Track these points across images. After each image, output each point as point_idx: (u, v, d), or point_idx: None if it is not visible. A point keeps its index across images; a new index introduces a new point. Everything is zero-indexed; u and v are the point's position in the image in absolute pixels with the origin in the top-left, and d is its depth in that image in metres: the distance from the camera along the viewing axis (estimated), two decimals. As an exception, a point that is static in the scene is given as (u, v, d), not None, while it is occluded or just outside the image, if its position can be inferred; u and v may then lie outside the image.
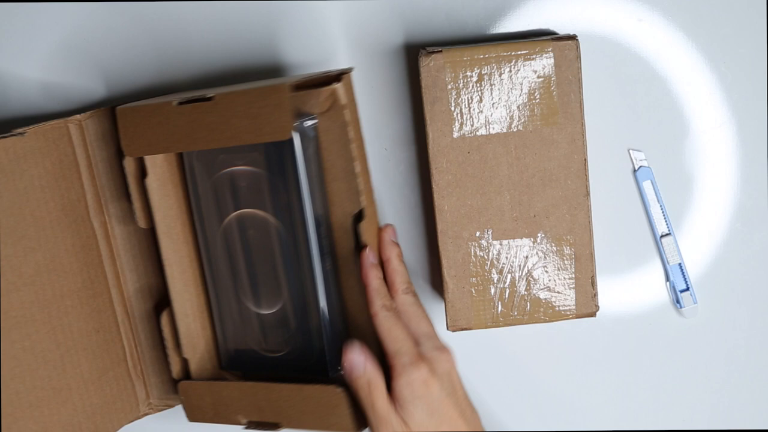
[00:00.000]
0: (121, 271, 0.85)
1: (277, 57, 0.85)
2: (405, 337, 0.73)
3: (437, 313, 0.85)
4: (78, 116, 0.83)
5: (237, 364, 0.83)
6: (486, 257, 0.79)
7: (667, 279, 0.86)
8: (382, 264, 0.76)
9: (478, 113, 0.78)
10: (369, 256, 0.74)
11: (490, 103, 0.78)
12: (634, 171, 0.85)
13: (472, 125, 0.78)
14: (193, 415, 0.82)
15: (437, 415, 0.72)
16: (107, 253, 0.84)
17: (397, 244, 0.77)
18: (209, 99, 0.73)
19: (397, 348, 0.72)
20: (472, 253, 0.79)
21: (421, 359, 0.72)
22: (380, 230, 0.77)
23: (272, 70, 0.85)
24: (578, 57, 0.78)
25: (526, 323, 0.80)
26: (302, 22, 0.84)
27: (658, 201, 0.85)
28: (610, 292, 0.86)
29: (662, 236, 0.85)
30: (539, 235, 0.79)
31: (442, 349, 0.74)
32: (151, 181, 0.81)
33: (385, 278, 0.76)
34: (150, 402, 0.86)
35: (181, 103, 0.75)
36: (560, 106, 0.78)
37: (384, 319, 0.73)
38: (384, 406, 0.72)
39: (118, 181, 0.84)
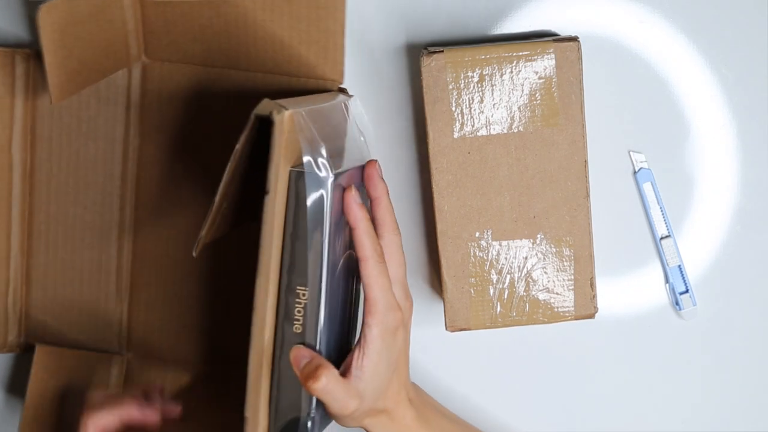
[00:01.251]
0: (29, 210, 0.83)
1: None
2: (389, 287, 0.73)
3: (436, 313, 0.85)
4: (28, 50, 0.79)
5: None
6: (485, 258, 0.79)
7: (667, 281, 0.86)
8: (370, 201, 0.75)
9: (478, 114, 0.78)
10: (355, 196, 0.72)
11: (491, 104, 0.78)
12: (635, 173, 0.84)
13: (472, 126, 0.78)
14: None
15: (393, 365, 0.73)
16: (20, 190, 0.82)
17: (384, 181, 0.76)
18: None
19: (380, 296, 0.72)
20: (472, 254, 0.79)
21: (398, 308, 0.73)
22: (367, 165, 0.75)
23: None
24: (579, 58, 0.78)
25: (524, 324, 0.80)
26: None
27: (658, 203, 0.85)
28: (610, 294, 0.86)
29: (662, 238, 0.85)
30: (539, 236, 0.79)
31: (409, 297, 0.75)
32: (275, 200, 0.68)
33: (372, 217, 0.74)
34: (20, 341, 0.85)
35: None
36: (561, 107, 0.78)
37: (374, 267, 0.72)
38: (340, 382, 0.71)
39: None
